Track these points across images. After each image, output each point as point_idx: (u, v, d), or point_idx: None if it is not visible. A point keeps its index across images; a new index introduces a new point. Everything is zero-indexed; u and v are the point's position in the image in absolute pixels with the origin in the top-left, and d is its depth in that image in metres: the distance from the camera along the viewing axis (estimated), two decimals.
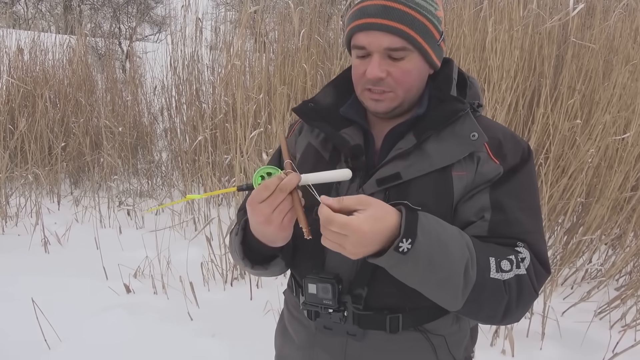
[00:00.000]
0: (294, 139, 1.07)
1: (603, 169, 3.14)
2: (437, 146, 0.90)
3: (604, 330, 2.61)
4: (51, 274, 3.16)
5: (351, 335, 0.94)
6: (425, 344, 0.94)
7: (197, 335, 2.54)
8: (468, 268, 0.79)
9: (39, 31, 5.69)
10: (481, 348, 2.45)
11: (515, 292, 0.83)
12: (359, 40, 0.90)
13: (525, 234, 0.87)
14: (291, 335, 1.06)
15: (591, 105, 3.40)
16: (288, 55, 4.22)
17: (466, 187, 0.90)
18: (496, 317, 0.84)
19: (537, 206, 0.92)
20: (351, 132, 0.97)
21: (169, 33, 5.72)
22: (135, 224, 4.15)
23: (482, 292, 0.81)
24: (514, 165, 0.91)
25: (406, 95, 0.93)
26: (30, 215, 4.19)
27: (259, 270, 0.98)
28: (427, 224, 0.78)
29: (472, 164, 0.90)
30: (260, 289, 3.05)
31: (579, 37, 3.41)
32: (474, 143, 0.89)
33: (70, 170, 5.05)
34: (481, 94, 1.01)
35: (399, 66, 0.89)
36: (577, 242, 3.14)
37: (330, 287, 0.91)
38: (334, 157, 0.97)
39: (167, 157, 5.49)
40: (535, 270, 0.85)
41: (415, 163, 0.90)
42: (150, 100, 5.88)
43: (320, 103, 1.02)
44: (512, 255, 0.84)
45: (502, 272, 0.82)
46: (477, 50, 3.46)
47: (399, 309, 0.93)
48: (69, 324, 2.55)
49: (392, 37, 0.87)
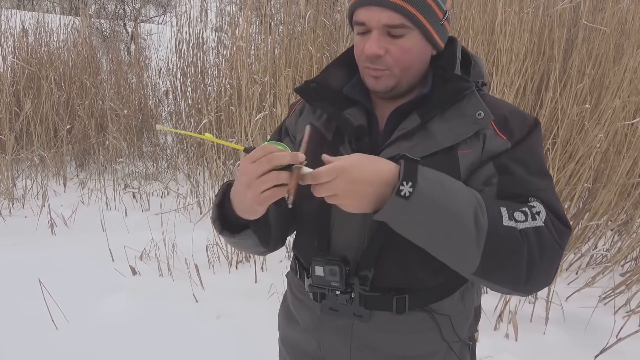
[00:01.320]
0: (295, 119, 1.05)
1: (611, 154, 3.11)
2: (441, 126, 0.89)
3: (608, 315, 2.61)
4: (58, 255, 3.18)
5: (357, 316, 0.94)
6: (430, 323, 0.94)
7: (201, 317, 2.56)
8: (478, 215, 0.76)
9: (43, 12, 5.66)
10: (485, 332, 2.46)
11: (536, 243, 0.78)
12: (359, 16, 0.88)
13: (537, 191, 0.84)
14: (295, 317, 1.06)
15: (600, 89, 3.35)
16: (294, 37, 4.18)
17: (473, 165, 0.88)
18: (519, 273, 0.78)
19: (545, 170, 0.89)
20: (354, 112, 0.95)
21: (174, 15, 5.68)
22: (141, 207, 4.17)
23: (498, 242, 0.76)
24: (520, 139, 0.89)
25: (404, 75, 0.90)
26: (36, 198, 4.22)
27: (227, 237, 0.95)
28: (427, 171, 0.76)
29: (478, 142, 0.88)
30: (264, 272, 3.07)
31: (590, 20, 3.34)
32: (480, 122, 0.87)
33: (75, 153, 5.05)
34: (486, 72, 0.99)
35: (398, 44, 0.87)
36: (583, 228, 3.12)
37: (338, 269, 0.90)
38: (337, 138, 0.96)
39: (172, 140, 5.49)
40: (554, 224, 0.81)
41: (420, 143, 0.88)
42: (155, 83, 5.85)
43: (323, 83, 0.99)
44: (526, 208, 0.81)
45: (516, 221, 0.78)
46: (486, 33, 3.41)
47: (406, 290, 0.92)
48: (76, 305, 2.58)
49: (391, 13, 0.85)
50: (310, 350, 1.03)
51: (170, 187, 4.45)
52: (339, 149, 0.94)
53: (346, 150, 0.93)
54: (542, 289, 0.84)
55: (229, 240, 0.97)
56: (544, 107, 3.19)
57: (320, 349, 1.01)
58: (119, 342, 2.36)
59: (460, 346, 0.98)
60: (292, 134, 1.06)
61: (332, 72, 1.01)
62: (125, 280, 2.93)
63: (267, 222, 0.94)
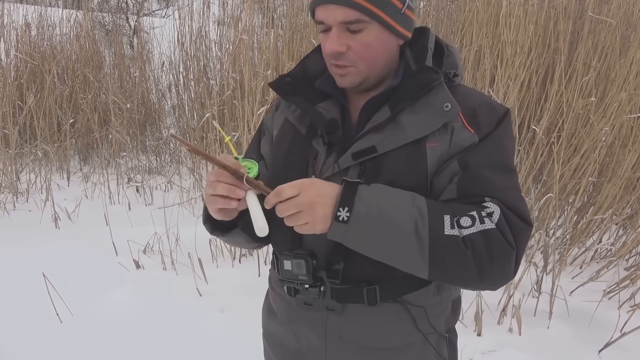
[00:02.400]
0: (272, 114, 1.07)
1: (617, 147, 3.09)
2: (411, 117, 0.89)
3: (613, 310, 2.60)
4: (62, 249, 3.19)
5: (331, 310, 0.95)
6: (404, 314, 0.94)
7: (205, 311, 2.57)
8: (418, 227, 0.80)
9: (45, 6, 5.65)
10: (488, 326, 2.46)
11: (484, 247, 0.80)
12: (318, 15, 0.90)
13: (494, 190, 0.85)
14: (274, 310, 1.08)
15: (606, 82, 3.32)
16: (297, 30, 4.16)
17: (441, 158, 0.89)
18: (472, 277, 0.82)
19: (508, 164, 0.89)
20: (327, 106, 0.96)
21: (176, 8, 5.66)
22: (144, 201, 4.17)
23: (440, 251, 0.80)
24: (488, 132, 0.89)
25: (370, 69, 0.91)
26: (40, 192, 4.22)
27: (218, 237, 1.02)
28: (365, 194, 0.81)
29: (446, 134, 0.89)
30: (268, 265, 3.07)
31: (595, 12, 3.31)
32: (447, 114, 0.87)
33: (79, 147, 5.06)
34: (460, 63, 0.99)
35: (357, 39, 0.88)
36: (587, 222, 3.11)
37: (304, 263, 0.91)
38: (310, 132, 0.96)
39: (175, 134, 5.48)
40: (509, 223, 0.82)
41: (390, 135, 0.89)
42: (157, 77, 5.84)
43: (296, 77, 1.00)
44: (475, 211, 0.82)
45: (461, 228, 0.81)
46: (490, 25, 3.38)
47: (376, 281, 0.93)
48: (80, 299, 2.59)
49: (346, 10, 0.85)
50: (289, 344, 1.05)
51: (173, 181, 4.45)
52: (312, 142, 0.95)
53: (319, 144, 0.95)
54: (503, 284, 0.87)
55: (222, 239, 1.02)
56: (549, 100, 3.17)
57: (298, 342, 1.03)
58: (123, 335, 2.37)
59: (437, 338, 0.98)
60: (269, 130, 1.07)
61: (306, 66, 1.02)
62: (129, 274, 2.93)
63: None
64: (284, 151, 0.99)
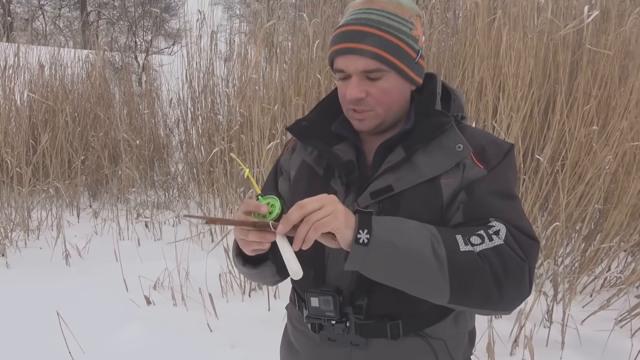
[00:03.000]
0: (288, 156, 1.12)
1: (620, 175, 3.11)
2: (425, 158, 0.95)
3: (625, 338, 2.58)
4: (73, 286, 3.22)
5: (355, 345, 0.97)
6: (426, 348, 0.97)
7: (216, 346, 2.57)
8: (435, 246, 0.82)
9: (59, 47, 5.82)
10: (501, 358, 2.44)
11: (498, 262, 0.83)
12: (338, 64, 0.96)
13: (498, 212, 0.90)
14: (296, 348, 1.09)
15: (607, 111, 3.38)
16: (302, 67, 4.27)
17: (454, 192, 0.94)
18: (492, 296, 0.84)
19: (510, 191, 0.95)
20: (343, 148, 1.02)
21: (183, 45, 5.81)
22: (154, 236, 4.21)
23: (460, 267, 0.82)
24: (495, 165, 0.95)
25: (387, 113, 0.97)
26: (51, 229, 4.28)
27: (249, 269, 1.02)
28: (381, 219, 0.84)
29: (458, 171, 0.94)
30: (277, 299, 3.07)
31: (593, 43, 3.39)
32: (460, 154, 0.94)
33: (89, 184, 5.14)
34: (465, 105, 1.05)
35: (377, 86, 0.94)
36: (595, 250, 3.11)
37: (332, 299, 0.95)
38: (328, 173, 1.02)
39: (183, 169, 5.56)
40: (516, 239, 0.86)
41: (406, 175, 0.94)
42: (166, 113, 5.96)
43: (312, 121, 1.06)
44: (482, 230, 0.86)
45: (472, 245, 0.84)
46: (492, 57, 3.46)
47: (398, 316, 0.96)
48: (92, 336, 2.60)
49: (367, 60, 0.92)
50: None
51: (182, 216, 4.49)
52: (330, 183, 1.00)
53: (337, 184, 1.00)
54: (521, 302, 0.89)
55: (250, 272, 1.03)
56: (551, 129, 3.22)
57: None
58: None
59: None
60: (286, 170, 1.12)
61: (320, 111, 1.08)
62: (139, 310, 2.95)
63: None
64: (302, 191, 1.03)
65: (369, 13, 0.93)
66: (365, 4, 0.95)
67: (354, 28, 0.93)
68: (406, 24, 0.95)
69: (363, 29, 0.92)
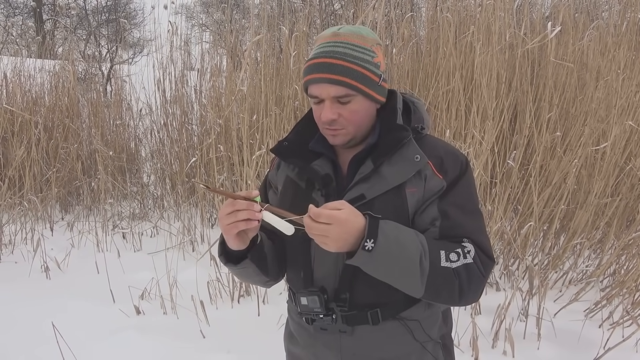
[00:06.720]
0: (274, 172, 1.28)
1: (584, 177, 3.36)
2: (390, 169, 1.10)
3: (595, 328, 2.79)
4: (57, 299, 3.18)
5: (343, 332, 1.15)
6: (403, 329, 1.14)
7: (212, 352, 2.61)
8: (422, 259, 1.00)
9: (22, 57, 5.70)
10: (484, 350, 2.60)
11: (465, 277, 1.03)
12: (312, 91, 1.11)
13: (469, 233, 1.08)
14: (296, 337, 1.28)
15: (566, 117, 3.65)
16: (280, 77, 4.36)
17: (418, 201, 1.10)
18: (453, 298, 1.04)
19: (476, 209, 1.13)
20: (321, 163, 1.18)
21: (147, 53, 5.78)
22: (133, 247, 4.19)
23: (436, 279, 1.01)
24: (454, 178, 1.11)
25: (357, 130, 1.13)
26: (25, 242, 4.19)
27: (231, 268, 1.16)
28: (386, 228, 0.99)
29: (420, 181, 1.10)
30: (267, 304, 3.14)
31: (553, 54, 3.65)
32: (418, 163, 1.09)
33: (60, 196, 5.04)
34: (426, 115, 1.21)
35: (347, 108, 1.10)
36: (563, 247, 3.34)
37: (318, 299, 1.13)
38: (309, 186, 1.17)
39: (156, 179, 5.53)
40: (481, 259, 1.06)
41: (375, 184, 1.10)
42: (136, 124, 5.92)
43: (292, 141, 1.22)
44: (459, 249, 1.05)
45: (451, 262, 1.02)
46: (464, 69, 3.67)
47: (377, 305, 1.13)
48: (83, 348, 2.58)
49: (337, 87, 1.07)
50: None
51: (159, 226, 4.48)
52: (312, 194, 1.16)
53: (317, 196, 1.15)
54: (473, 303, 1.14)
55: (234, 271, 1.18)
56: (520, 135, 3.44)
57: None
58: None
59: (432, 345, 1.18)
60: (274, 184, 1.28)
61: (298, 131, 1.24)
62: (129, 320, 2.95)
63: (263, 253, 1.17)
64: (288, 203, 1.19)
65: (335, 46, 1.08)
66: (331, 37, 1.10)
67: (324, 60, 1.08)
68: (368, 53, 1.10)
69: (332, 61, 1.07)
